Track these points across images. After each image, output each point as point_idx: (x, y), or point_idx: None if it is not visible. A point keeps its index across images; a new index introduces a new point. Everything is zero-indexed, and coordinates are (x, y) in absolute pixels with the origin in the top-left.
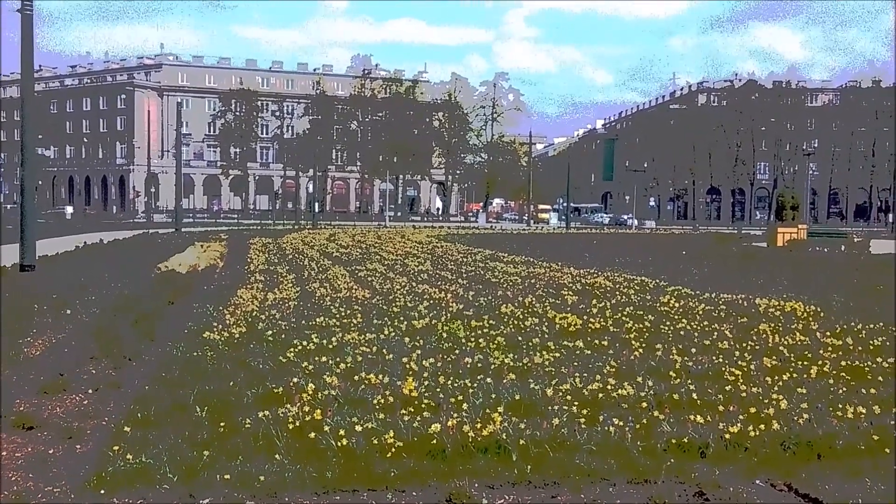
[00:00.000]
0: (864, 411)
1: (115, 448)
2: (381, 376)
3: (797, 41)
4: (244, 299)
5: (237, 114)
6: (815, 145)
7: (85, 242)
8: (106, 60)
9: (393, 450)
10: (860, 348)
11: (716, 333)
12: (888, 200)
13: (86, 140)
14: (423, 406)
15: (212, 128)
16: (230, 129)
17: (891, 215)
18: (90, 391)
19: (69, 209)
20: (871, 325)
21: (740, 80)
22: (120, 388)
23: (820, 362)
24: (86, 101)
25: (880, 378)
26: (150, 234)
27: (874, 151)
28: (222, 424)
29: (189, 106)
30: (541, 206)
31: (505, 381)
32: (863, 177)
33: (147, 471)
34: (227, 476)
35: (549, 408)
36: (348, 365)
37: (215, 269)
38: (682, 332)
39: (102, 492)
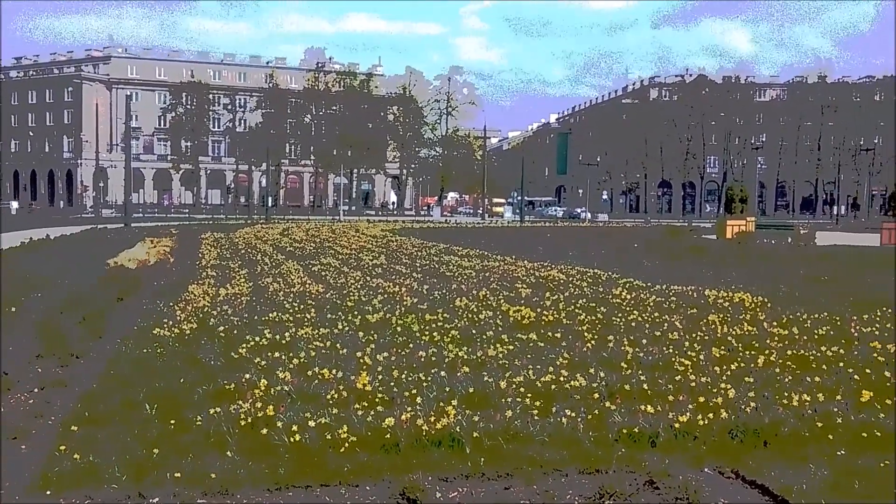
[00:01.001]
0: (808, 399)
1: (62, 447)
2: (334, 371)
3: (746, 37)
4: (196, 295)
5: (188, 107)
6: (763, 139)
7: (31, 238)
8: (52, 52)
9: (346, 445)
10: (805, 338)
11: (666, 324)
12: (833, 193)
13: (31, 134)
14: (376, 400)
15: (162, 121)
16: (181, 122)
17: (835, 208)
18: (36, 390)
19: (14, 204)
20: (816, 315)
21: (691, 76)
22: (67, 387)
23: (767, 352)
24: (31, 93)
25: (824, 367)
26: (98, 229)
27: (820, 145)
28: (172, 422)
29: (138, 99)
30: (495, 200)
31: (459, 374)
32: (809, 170)
33: (95, 470)
34: (177, 474)
35: (503, 400)
36: (301, 360)
37: (166, 265)
38: (633, 324)
39: (49, 492)
